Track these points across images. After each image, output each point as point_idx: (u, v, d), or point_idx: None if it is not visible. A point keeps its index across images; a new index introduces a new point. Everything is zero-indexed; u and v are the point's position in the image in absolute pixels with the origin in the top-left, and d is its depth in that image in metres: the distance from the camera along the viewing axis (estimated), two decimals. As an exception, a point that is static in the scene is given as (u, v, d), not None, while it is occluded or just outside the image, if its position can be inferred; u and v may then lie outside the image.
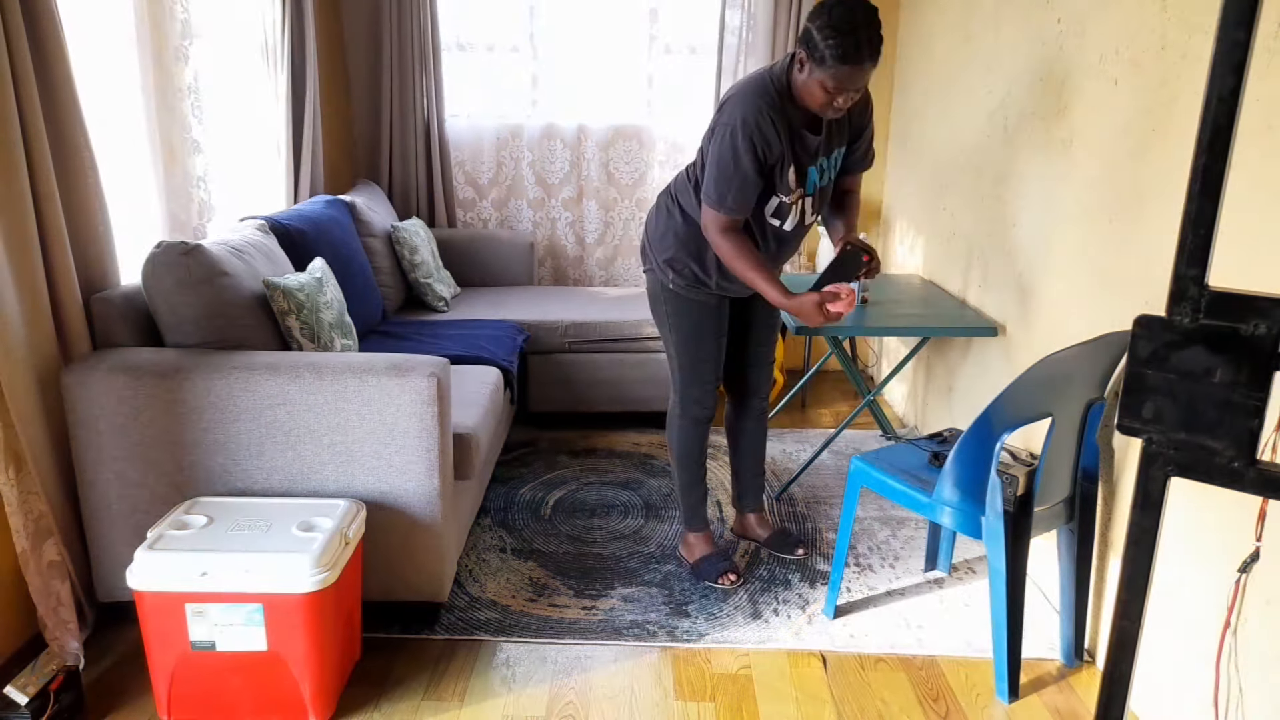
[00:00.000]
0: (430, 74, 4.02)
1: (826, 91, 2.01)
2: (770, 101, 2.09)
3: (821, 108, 2.06)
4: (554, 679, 2.10)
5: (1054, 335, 2.46)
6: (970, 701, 2.05)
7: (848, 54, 1.93)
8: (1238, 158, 1.70)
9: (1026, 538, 1.99)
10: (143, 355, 2.10)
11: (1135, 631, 1.12)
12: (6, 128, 1.86)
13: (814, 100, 2.05)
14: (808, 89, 2.04)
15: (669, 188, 2.39)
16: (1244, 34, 0.92)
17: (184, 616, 1.82)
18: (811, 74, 2.01)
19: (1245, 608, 1.68)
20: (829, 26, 1.93)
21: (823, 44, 1.94)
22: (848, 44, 1.92)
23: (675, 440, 2.53)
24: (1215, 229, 0.98)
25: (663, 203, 2.39)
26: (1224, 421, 1.01)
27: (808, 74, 2.02)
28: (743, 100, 2.09)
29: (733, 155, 2.09)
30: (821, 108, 2.06)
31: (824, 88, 2.00)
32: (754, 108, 2.08)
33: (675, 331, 2.41)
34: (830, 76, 1.97)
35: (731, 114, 2.10)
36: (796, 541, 2.65)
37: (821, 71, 1.97)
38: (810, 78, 2.01)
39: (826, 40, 1.93)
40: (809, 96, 2.06)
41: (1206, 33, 1.82)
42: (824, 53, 1.94)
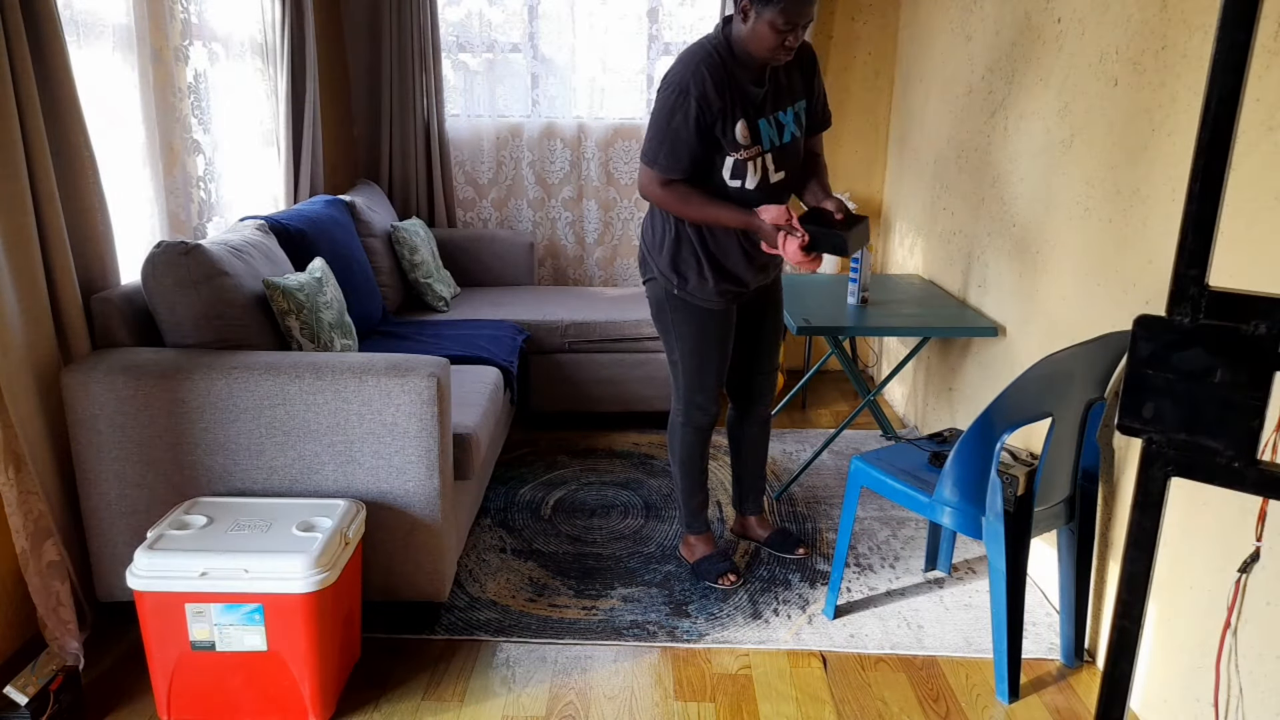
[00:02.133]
0: (430, 73, 4.02)
1: (777, 30, 2.03)
2: (708, 60, 2.12)
3: (773, 51, 2.08)
4: (554, 679, 2.10)
5: (1054, 335, 2.46)
6: (970, 702, 2.05)
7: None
8: (1238, 158, 1.70)
9: (1027, 538, 1.99)
10: (142, 355, 2.10)
11: (1135, 632, 1.12)
12: (7, 127, 1.86)
13: (764, 45, 2.07)
14: (756, 36, 2.06)
15: None
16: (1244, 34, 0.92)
17: (184, 616, 1.82)
18: (759, 17, 2.03)
19: (1246, 608, 1.67)
20: None
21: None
22: None
23: (677, 446, 2.53)
24: (1215, 229, 0.97)
25: (657, 210, 2.38)
26: (1224, 421, 1.00)
27: (754, 19, 2.05)
28: (681, 63, 2.14)
29: (667, 113, 2.13)
30: (773, 51, 2.08)
31: (774, 27, 2.03)
32: (690, 67, 2.12)
33: (681, 339, 2.40)
34: (779, 12, 2.00)
35: (669, 76, 2.15)
36: (797, 541, 2.65)
37: (770, 10, 2.01)
38: (758, 22, 2.04)
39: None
40: (758, 44, 2.08)
41: (1206, 33, 1.82)
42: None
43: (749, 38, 2.09)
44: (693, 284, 2.33)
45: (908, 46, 3.99)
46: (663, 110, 2.14)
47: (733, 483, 2.74)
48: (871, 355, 4.40)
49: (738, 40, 2.13)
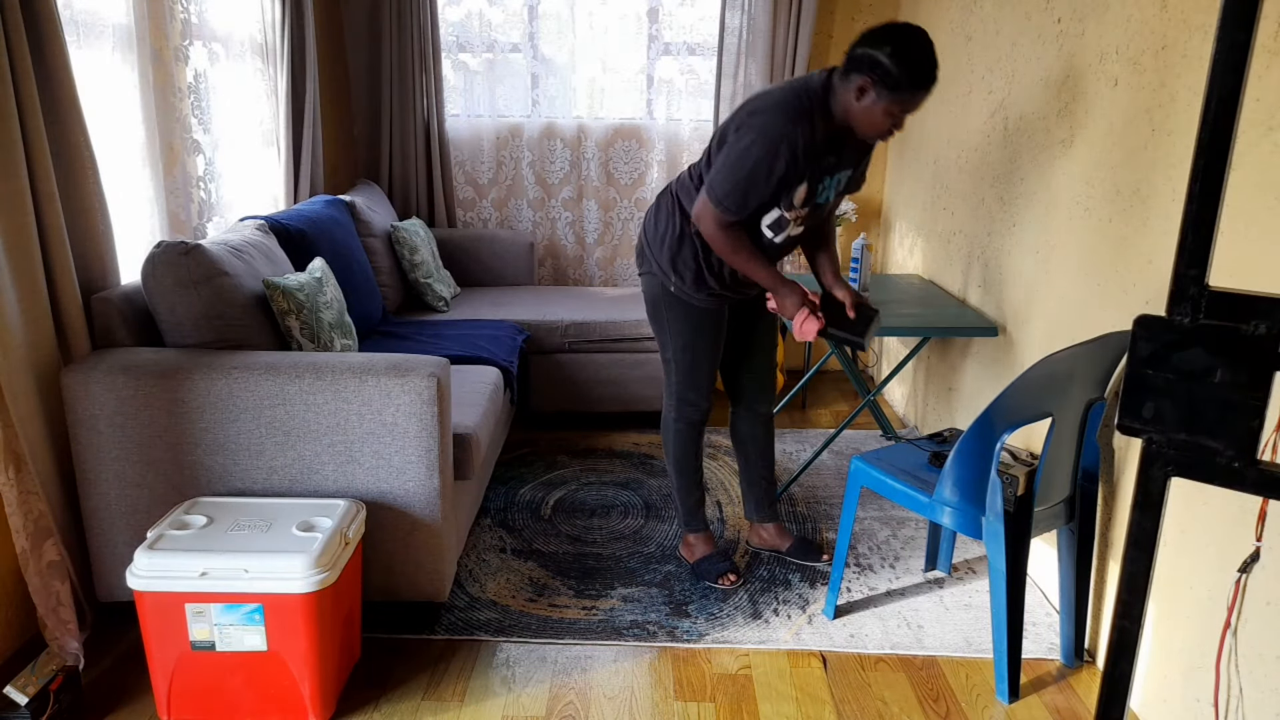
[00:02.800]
0: (430, 73, 4.02)
1: (892, 116, 2.01)
2: (807, 118, 2.06)
3: (880, 133, 2.06)
4: (554, 679, 2.10)
5: (1054, 335, 2.46)
6: (970, 702, 2.05)
7: (923, 79, 1.95)
8: (1238, 158, 1.70)
9: (1027, 538, 1.99)
10: (142, 355, 2.10)
11: (1135, 632, 1.12)
12: (7, 127, 1.86)
13: (875, 126, 2.04)
14: (868, 115, 2.02)
15: (670, 188, 2.37)
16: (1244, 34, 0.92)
17: (184, 616, 1.82)
18: (877, 100, 1.99)
19: (1246, 608, 1.67)
20: (901, 54, 1.92)
21: (897, 70, 1.93)
22: (924, 70, 1.94)
23: (671, 444, 2.52)
24: (1215, 229, 0.97)
25: (663, 203, 2.37)
26: (1224, 421, 1.00)
27: (871, 100, 1.99)
28: (779, 112, 2.05)
29: (751, 162, 2.06)
30: (880, 133, 2.06)
31: (890, 113, 2.00)
32: (789, 121, 2.04)
33: (674, 335, 2.40)
34: (902, 102, 1.98)
35: (764, 122, 2.06)
36: (819, 548, 2.64)
37: (892, 97, 1.97)
38: (875, 104, 1.99)
39: (901, 67, 1.92)
40: (866, 123, 2.04)
41: (1206, 33, 1.82)
42: (899, 79, 1.93)
43: (858, 114, 2.03)
44: (689, 284, 2.33)
45: (908, 46, 3.98)
46: (748, 156, 2.07)
47: (743, 488, 2.71)
48: (871, 355, 4.40)
49: (840, 109, 2.06)
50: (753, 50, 4.02)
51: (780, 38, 3.99)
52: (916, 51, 1.93)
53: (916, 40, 1.94)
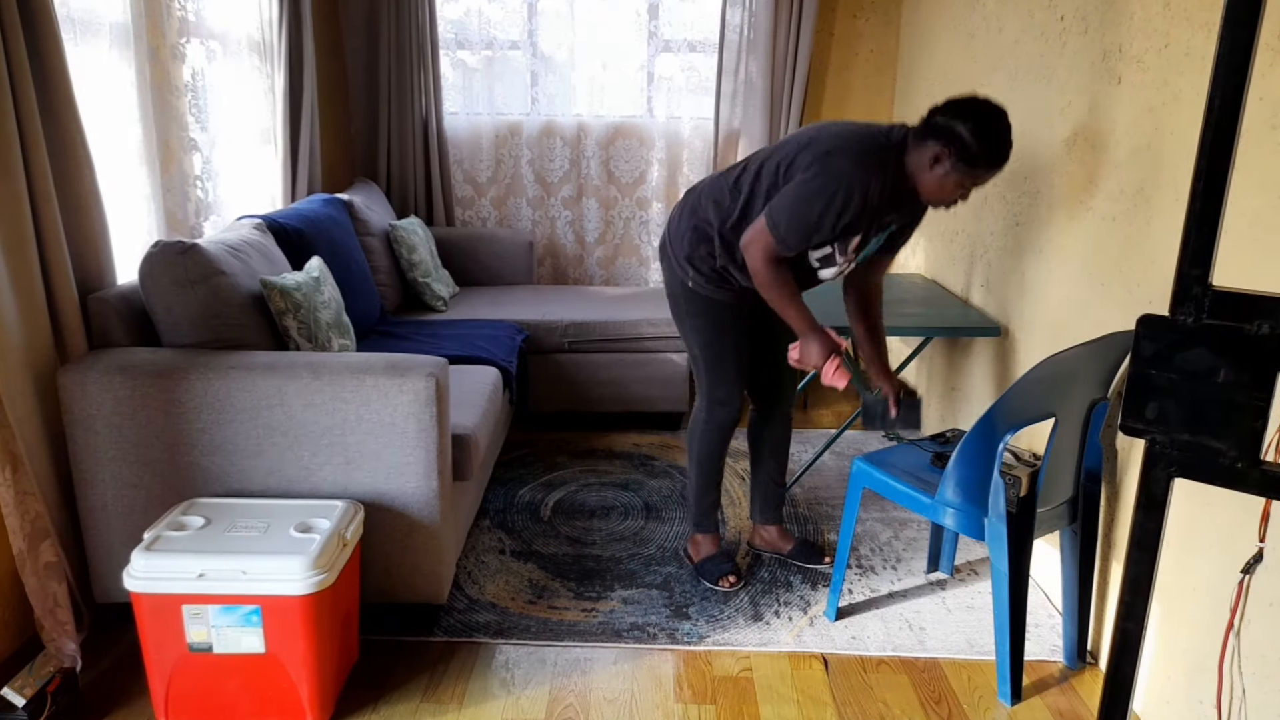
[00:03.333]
0: (428, 71, 4.01)
1: (961, 188, 2.02)
2: (882, 173, 2.05)
3: (945, 202, 2.07)
4: (553, 681, 2.09)
5: (1057, 335, 2.45)
6: (973, 704, 2.04)
7: (1000, 159, 1.96)
8: (1241, 157, 1.69)
9: (1029, 539, 1.98)
10: (139, 355, 2.09)
11: (1138, 633, 1.11)
12: (3, 126, 1.85)
13: (943, 195, 2.04)
14: (939, 184, 2.02)
15: (699, 188, 2.34)
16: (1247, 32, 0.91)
17: (181, 618, 1.81)
18: (950, 172, 1.99)
19: (1248, 609, 1.66)
20: (982, 132, 1.93)
21: (977, 147, 1.94)
22: (1001, 151, 1.96)
23: (697, 444, 2.50)
24: (1219, 228, 0.97)
25: (689, 201, 2.34)
26: (1228, 422, 1.00)
27: (944, 171, 2.00)
28: (859, 161, 2.03)
29: (822, 204, 2.04)
30: (945, 202, 2.07)
31: (961, 185, 2.01)
32: (866, 174, 2.03)
33: (696, 331, 2.39)
34: (975, 177, 1.99)
35: (842, 168, 2.03)
36: (821, 551, 2.62)
37: (968, 171, 1.98)
38: (947, 175, 2.00)
39: (982, 144, 1.94)
40: (936, 190, 2.04)
41: (1210, 31, 1.81)
42: (978, 155, 1.94)
43: (928, 180, 2.04)
44: (710, 277, 2.31)
45: (910, 44, 3.98)
46: (817, 197, 2.04)
47: (751, 488, 2.69)
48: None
49: (912, 170, 2.06)
50: (754, 47, 4.01)
51: (782, 35, 3.98)
52: (998, 131, 1.95)
53: (998, 119, 1.95)
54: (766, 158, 2.20)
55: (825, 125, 2.16)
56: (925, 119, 2.02)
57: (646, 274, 4.45)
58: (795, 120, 4.06)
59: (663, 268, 2.43)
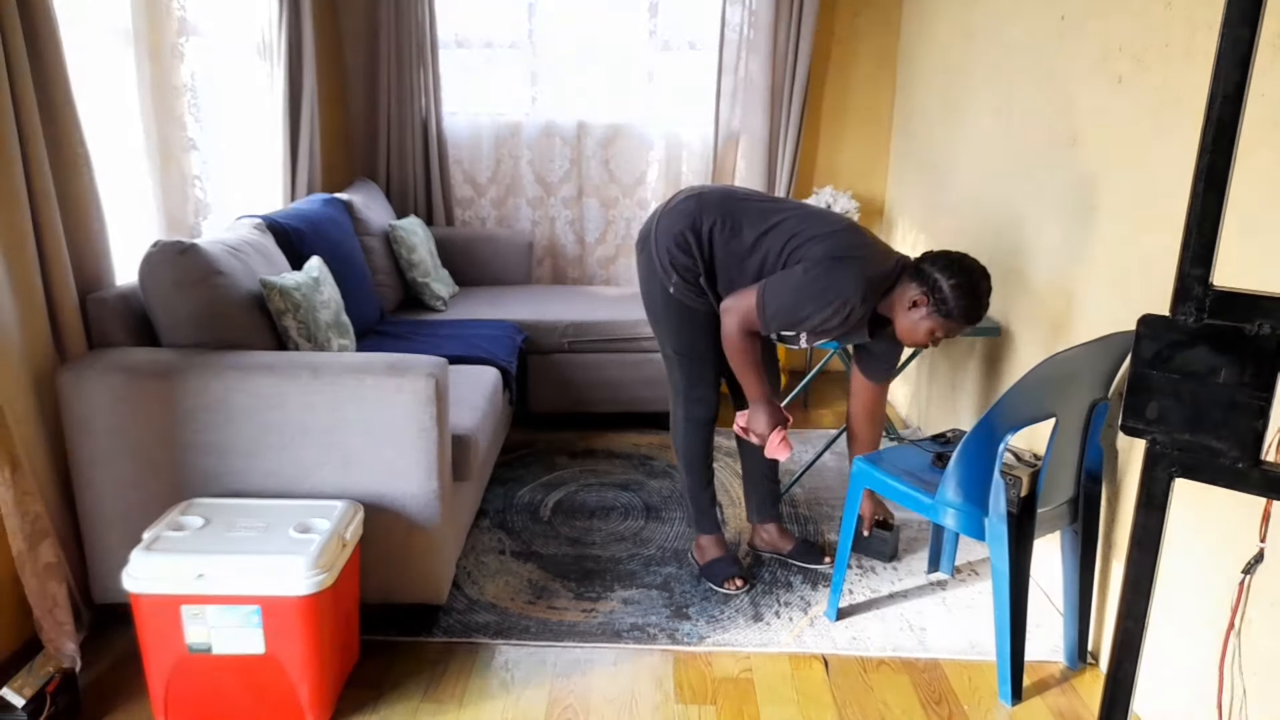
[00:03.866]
0: (428, 71, 4.01)
1: (932, 335, 2.12)
2: (873, 299, 2.15)
3: (915, 344, 2.17)
4: (553, 682, 2.08)
5: (1057, 335, 2.45)
6: (973, 704, 2.04)
7: (975, 318, 2.08)
8: (1242, 156, 1.69)
9: (1030, 539, 1.98)
10: (139, 355, 2.09)
11: (1139, 633, 1.11)
12: (2, 126, 1.85)
13: (915, 338, 2.14)
14: (914, 327, 2.12)
15: (702, 197, 2.31)
16: (1248, 31, 0.91)
17: (180, 619, 1.81)
18: (926, 319, 2.10)
19: (1249, 609, 1.66)
20: (964, 289, 2.04)
21: (954, 302, 2.04)
22: (978, 309, 2.07)
23: (680, 443, 2.51)
24: (1220, 228, 0.96)
25: (689, 207, 2.29)
26: (1228, 422, 1.00)
27: (921, 316, 2.11)
28: (861, 282, 2.11)
29: (814, 308, 2.13)
30: (915, 344, 2.17)
31: (932, 332, 2.11)
32: (863, 297, 2.12)
33: (673, 333, 2.39)
34: (947, 328, 2.10)
35: (844, 279, 2.11)
36: (821, 551, 2.62)
37: (941, 322, 2.09)
38: (923, 321, 2.10)
39: (959, 301, 2.04)
40: (910, 332, 2.14)
41: (1210, 29, 1.81)
42: (954, 309, 2.05)
43: (904, 321, 2.14)
44: (687, 285, 2.30)
45: (910, 43, 3.98)
46: (812, 299, 2.13)
47: (744, 488, 2.69)
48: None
49: (889, 304, 2.16)
50: (754, 46, 4.01)
51: (782, 34, 3.97)
52: (976, 292, 2.05)
53: (979, 281, 2.06)
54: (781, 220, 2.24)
55: (848, 225, 2.22)
56: (917, 261, 2.12)
57: (646, 274, 4.44)
58: (795, 119, 4.05)
59: (639, 260, 2.39)
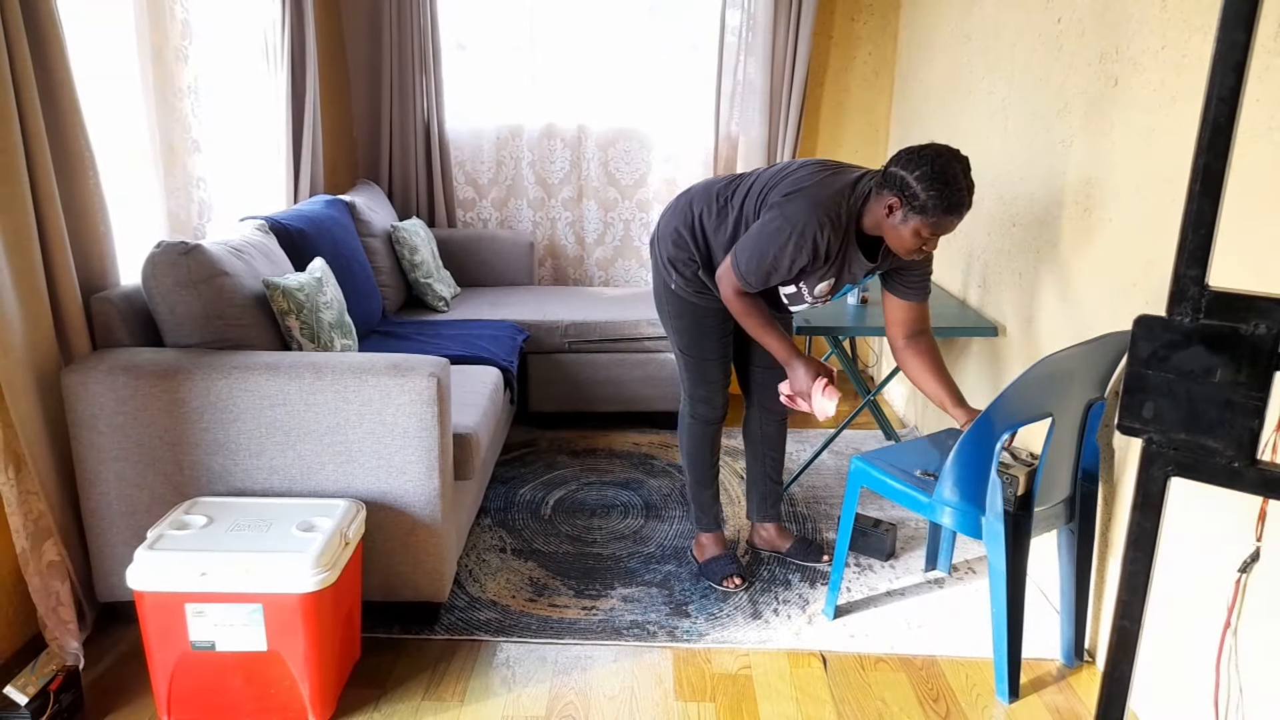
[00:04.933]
0: (430, 74, 4.02)
1: (920, 237, 2.01)
2: (836, 223, 2.07)
3: (909, 252, 2.05)
4: (554, 679, 2.10)
5: (1054, 335, 2.46)
6: (970, 702, 2.05)
7: (951, 205, 1.94)
8: (1238, 158, 1.70)
9: (1027, 538, 1.99)
10: (142, 355, 2.10)
11: (1135, 632, 1.12)
12: (7, 128, 1.86)
13: (903, 244, 2.04)
14: (897, 233, 2.02)
15: (691, 193, 2.36)
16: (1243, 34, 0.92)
17: (184, 616, 1.82)
18: (906, 221, 1.99)
19: (1245, 608, 1.67)
20: (932, 178, 1.92)
21: (924, 194, 1.93)
22: (952, 196, 1.93)
23: (684, 441, 2.53)
24: (1215, 229, 0.97)
25: (680, 204, 2.36)
26: (1224, 421, 1.01)
27: (900, 220, 2.00)
28: (814, 207, 2.06)
29: (777, 251, 2.08)
30: (909, 252, 2.05)
31: (919, 234, 2.00)
32: (819, 224, 2.05)
33: (678, 332, 2.41)
34: (930, 225, 1.97)
35: (796, 212, 2.06)
36: (820, 549, 2.63)
37: (920, 219, 1.97)
38: (904, 224, 2.00)
39: (929, 191, 1.93)
40: (897, 241, 2.04)
41: (1206, 33, 1.82)
42: (926, 202, 1.94)
43: (889, 231, 2.05)
44: (691, 281, 2.33)
45: (908, 47, 3.99)
46: (772, 240, 2.09)
47: (747, 489, 2.70)
48: (871, 355, 4.40)
49: (872, 220, 2.08)
50: (752, 49, 4.02)
51: (780, 36, 3.99)
52: (946, 178, 1.92)
53: (948, 165, 1.93)
54: (754, 182, 2.23)
55: (804, 164, 2.19)
56: (884, 167, 2.04)
57: (646, 275, 4.46)
58: (794, 122, 4.07)
59: (651, 264, 2.46)
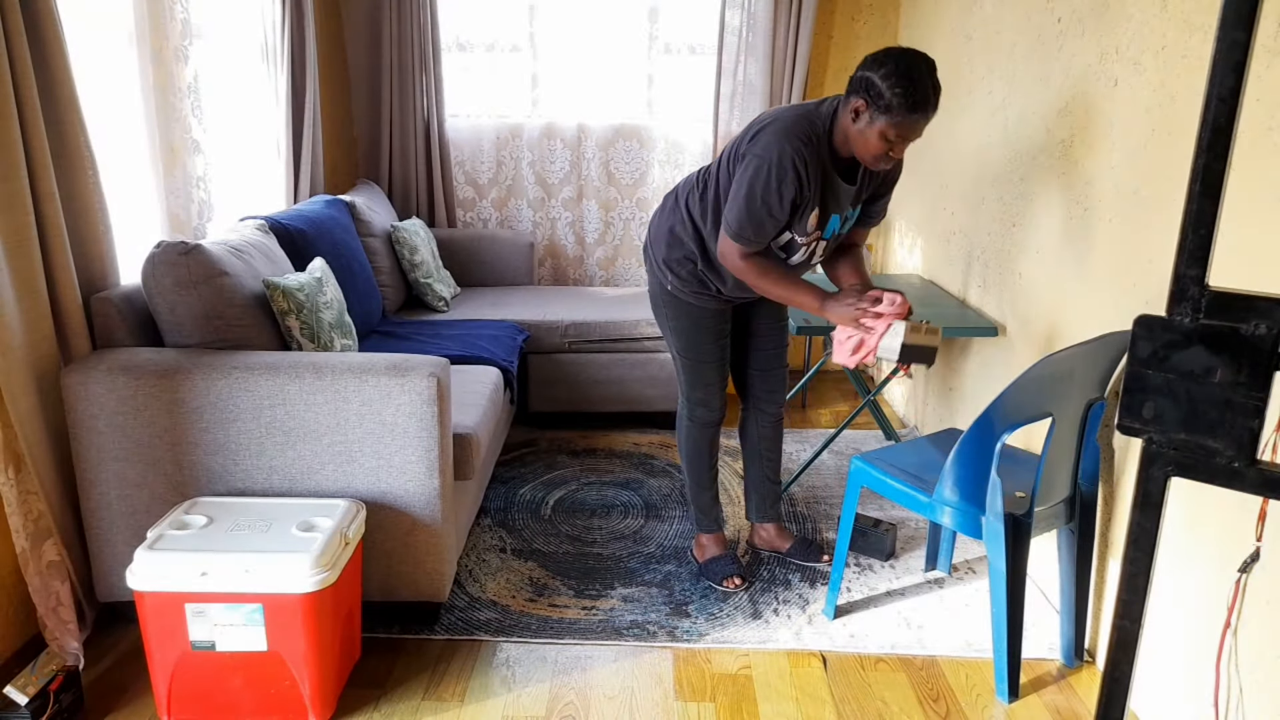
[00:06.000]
0: (430, 73, 4.02)
1: (887, 140, 1.97)
2: (809, 142, 2.04)
3: (876, 158, 2.02)
4: (554, 679, 2.10)
5: (1054, 335, 2.46)
6: (970, 701, 2.05)
7: (916, 103, 1.91)
8: (1238, 158, 1.70)
9: (1027, 538, 1.99)
10: (142, 355, 2.10)
11: (1135, 632, 1.12)
12: (6, 127, 1.86)
13: (869, 150, 2.01)
14: (864, 139, 2.00)
15: (675, 190, 2.37)
16: (1244, 34, 0.92)
17: (184, 616, 1.82)
18: (872, 123, 1.96)
19: (1245, 608, 1.67)
20: (895, 75, 1.90)
21: (889, 93, 1.90)
22: (916, 93, 1.90)
23: (683, 443, 2.53)
24: (1215, 229, 0.97)
25: (667, 204, 2.37)
26: (1224, 421, 1.00)
27: (867, 123, 1.97)
28: (782, 137, 2.03)
29: (763, 191, 2.04)
30: (876, 158, 2.02)
31: (885, 137, 1.97)
32: (793, 147, 2.02)
33: (675, 334, 2.41)
34: (895, 125, 1.94)
35: (767, 148, 2.04)
36: (820, 549, 2.63)
37: (886, 120, 1.94)
38: (870, 127, 1.97)
39: (894, 89, 1.90)
40: (864, 146, 2.01)
41: (1206, 32, 1.82)
42: (891, 101, 1.91)
43: (856, 138, 2.02)
44: (687, 282, 2.33)
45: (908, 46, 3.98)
46: (754, 182, 2.04)
47: (746, 490, 2.70)
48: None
49: (841, 133, 2.05)
50: (752, 49, 4.02)
51: (780, 37, 3.98)
52: (910, 75, 1.90)
53: (913, 63, 1.91)
54: (726, 150, 2.21)
55: (767, 111, 2.18)
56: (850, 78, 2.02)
57: (646, 275, 4.46)
58: (795, 122, 4.06)
59: (646, 269, 2.45)
